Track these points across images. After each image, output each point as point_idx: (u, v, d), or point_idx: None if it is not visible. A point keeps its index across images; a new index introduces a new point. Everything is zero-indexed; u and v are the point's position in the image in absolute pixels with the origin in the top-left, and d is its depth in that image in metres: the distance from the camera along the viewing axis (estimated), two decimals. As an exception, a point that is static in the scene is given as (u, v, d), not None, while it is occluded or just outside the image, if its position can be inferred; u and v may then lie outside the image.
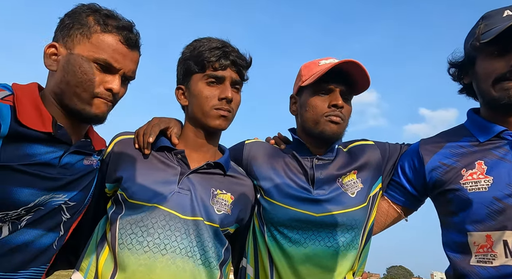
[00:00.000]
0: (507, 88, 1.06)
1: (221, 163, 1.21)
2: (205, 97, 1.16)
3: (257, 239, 1.28)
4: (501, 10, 1.11)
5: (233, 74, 1.18)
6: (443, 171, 1.18)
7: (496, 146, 1.13)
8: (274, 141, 1.42)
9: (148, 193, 1.10)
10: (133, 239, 1.06)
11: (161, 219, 1.08)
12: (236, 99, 1.20)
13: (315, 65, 1.30)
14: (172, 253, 1.06)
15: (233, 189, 1.22)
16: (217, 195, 1.18)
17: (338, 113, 1.25)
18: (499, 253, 1.03)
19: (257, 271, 1.25)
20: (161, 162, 1.18)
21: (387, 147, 1.38)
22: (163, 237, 1.06)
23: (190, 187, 1.14)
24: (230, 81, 1.18)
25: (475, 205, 1.09)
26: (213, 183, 1.19)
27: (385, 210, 1.34)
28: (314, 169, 1.27)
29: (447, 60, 1.28)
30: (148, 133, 1.17)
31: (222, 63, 1.15)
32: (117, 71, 1.02)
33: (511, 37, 1.02)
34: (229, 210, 1.18)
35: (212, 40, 1.18)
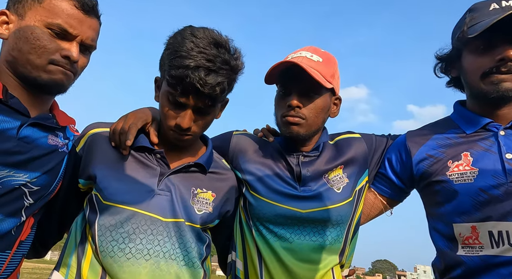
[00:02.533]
0: (496, 82, 1.06)
1: (202, 164, 1.16)
2: (165, 114, 1.08)
3: (245, 232, 1.26)
4: (488, 2, 1.10)
5: (199, 103, 1.03)
6: (430, 162, 1.18)
7: (482, 137, 1.14)
8: (262, 134, 1.39)
9: (127, 196, 1.05)
10: (114, 246, 1.01)
11: (142, 224, 1.03)
12: (202, 123, 1.09)
13: (284, 59, 1.24)
14: (156, 257, 1.02)
15: (214, 186, 1.19)
16: (197, 194, 1.14)
17: (295, 113, 1.19)
18: (485, 243, 1.04)
19: (246, 265, 1.24)
20: (140, 162, 1.12)
21: (374, 139, 1.37)
22: (146, 242, 1.03)
23: (170, 188, 1.10)
24: (193, 108, 1.05)
25: (461, 196, 1.09)
26: (194, 182, 1.15)
27: (372, 202, 1.34)
28: (300, 166, 1.25)
29: (434, 55, 1.28)
30: (125, 134, 1.10)
31: (184, 90, 1.00)
32: (74, 38, 0.97)
33: (497, 32, 1.02)
34: (210, 208, 1.15)
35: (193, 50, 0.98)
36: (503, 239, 1.02)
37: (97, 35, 1.05)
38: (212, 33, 1.02)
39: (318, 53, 1.25)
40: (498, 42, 1.05)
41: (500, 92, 1.06)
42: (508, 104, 1.12)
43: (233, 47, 1.06)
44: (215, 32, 1.04)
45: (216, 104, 1.07)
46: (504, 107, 1.13)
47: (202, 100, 1.03)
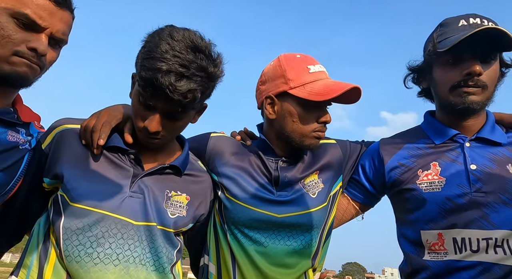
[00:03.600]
0: (464, 94, 1.11)
1: (177, 166, 1.13)
2: (135, 114, 1.04)
3: (219, 236, 1.25)
4: (458, 19, 1.16)
5: (168, 108, 0.98)
6: (401, 171, 1.23)
7: (449, 148, 1.19)
8: (240, 137, 1.38)
9: (96, 198, 1.00)
10: (80, 251, 0.96)
11: (112, 228, 0.99)
12: (171, 127, 1.04)
13: (304, 71, 1.21)
14: (125, 263, 0.98)
15: (189, 189, 1.16)
16: (171, 197, 1.11)
17: (325, 129, 1.25)
18: (449, 249, 1.09)
19: (220, 268, 1.22)
20: (112, 162, 1.07)
21: (348, 145, 1.40)
22: (115, 247, 0.98)
23: (143, 190, 1.06)
24: (162, 112, 1.00)
25: (429, 204, 1.14)
26: (168, 184, 1.12)
27: (345, 207, 1.37)
28: (278, 170, 1.25)
29: (406, 66, 1.32)
30: (97, 132, 1.04)
31: (153, 94, 0.95)
32: (43, 30, 0.92)
33: (464, 47, 1.07)
34: (184, 211, 1.12)
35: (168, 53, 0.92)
36: (465, 245, 1.07)
37: (69, 29, 0.99)
38: (192, 36, 0.97)
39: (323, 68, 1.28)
40: (465, 57, 1.11)
41: (467, 104, 1.11)
42: (474, 116, 1.18)
43: (215, 53, 1.01)
44: (196, 35, 0.99)
45: (187, 111, 1.02)
46: (470, 119, 1.19)
47: (171, 106, 0.97)
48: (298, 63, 1.24)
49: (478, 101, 1.11)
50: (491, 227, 1.06)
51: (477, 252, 1.05)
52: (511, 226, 1.05)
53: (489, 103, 1.16)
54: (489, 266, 1.03)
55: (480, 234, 1.06)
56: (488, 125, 1.19)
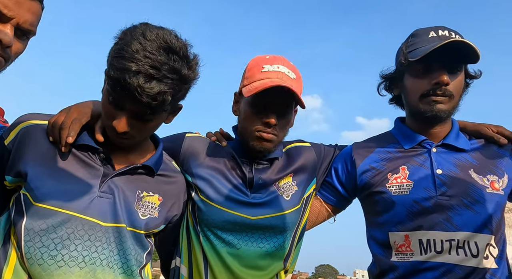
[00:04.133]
0: (432, 103, 1.16)
1: (150, 166, 1.10)
2: (104, 112, 1.00)
3: (191, 238, 1.23)
4: (428, 30, 1.21)
5: (136, 109, 0.94)
6: (372, 174, 1.26)
7: (417, 153, 1.24)
8: (216, 137, 1.37)
9: (63, 198, 0.96)
10: (44, 253, 0.92)
11: (78, 229, 0.95)
12: (140, 128, 1.00)
13: (258, 69, 1.23)
14: (92, 265, 0.95)
15: (161, 189, 1.13)
16: (143, 198, 1.08)
17: (270, 130, 1.19)
18: (415, 250, 1.14)
19: (191, 271, 1.21)
20: (81, 160, 1.03)
21: (322, 148, 1.42)
22: (82, 249, 0.94)
23: (113, 190, 1.02)
24: (130, 113, 0.96)
25: (398, 207, 1.18)
26: (140, 184, 1.09)
27: (317, 209, 1.39)
28: (253, 172, 1.25)
29: (379, 74, 1.37)
30: (66, 129, 0.99)
31: (121, 94, 0.91)
32: (9, 20, 0.86)
33: (434, 58, 1.12)
34: (156, 213, 1.09)
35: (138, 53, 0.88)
36: (430, 246, 1.12)
37: (38, 20, 0.94)
38: (167, 36, 0.92)
39: (293, 69, 1.25)
40: (434, 67, 1.16)
41: (435, 112, 1.16)
42: (440, 124, 1.24)
43: (190, 54, 0.97)
44: (171, 34, 0.94)
45: (157, 113, 0.98)
46: (437, 126, 1.24)
47: (140, 108, 0.93)
48: (258, 62, 1.25)
49: (445, 110, 1.17)
50: (454, 229, 1.11)
51: (440, 253, 1.10)
52: (471, 228, 1.11)
53: (455, 112, 1.23)
54: (452, 267, 1.09)
55: (443, 235, 1.11)
56: (453, 133, 1.25)
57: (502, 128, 1.27)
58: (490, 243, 1.11)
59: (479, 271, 1.08)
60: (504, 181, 1.17)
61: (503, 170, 1.19)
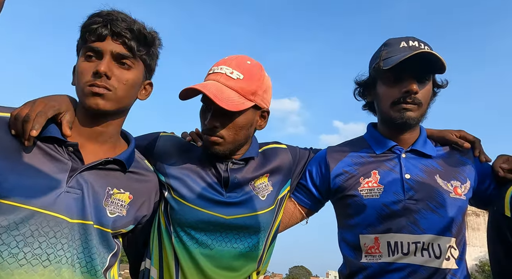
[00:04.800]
0: (402, 110, 1.21)
1: (122, 160, 1.07)
2: (80, 73, 1.01)
3: (163, 239, 1.21)
4: (399, 40, 1.26)
5: (116, 47, 1.01)
6: (345, 178, 1.30)
7: (388, 158, 1.29)
8: (191, 137, 1.35)
9: (27, 193, 0.91)
10: (3, 251, 0.88)
11: (43, 225, 0.91)
12: (120, 76, 1.02)
13: (208, 72, 1.23)
14: (57, 264, 0.91)
15: (133, 187, 1.10)
16: (112, 195, 1.05)
17: (212, 133, 1.17)
18: (383, 252, 1.18)
19: (162, 273, 1.19)
20: (47, 154, 0.98)
21: (298, 151, 1.44)
22: (46, 246, 0.91)
23: (82, 186, 0.99)
24: (111, 54, 1.01)
25: (369, 210, 1.22)
26: (110, 180, 1.05)
27: (291, 211, 1.41)
28: (228, 172, 1.25)
29: (354, 80, 1.41)
30: (30, 122, 0.93)
31: (100, 32, 1.00)
32: None
33: (404, 67, 1.17)
34: (124, 211, 1.07)
35: (107, 11, 1.03)
36: (398, 248, 1.17)
37: None
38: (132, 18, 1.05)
39: (241, 69, 1.19)
40: (405, 76, 1.21)
41: (404, 119, 1.21)
42: (410, 130, 1.29)
43: (150, 28, 1.09)
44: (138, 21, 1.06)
45: (134, 55, 1.05)
46: (407, 133, 1.29)
47: (118, 44, 1.02)
48: (213, 64, 1.25)
49: (414, 117, 1.22)
50: (420, 232, 1.16)
51: (407, 254, 1.15)
52: (435, 231, 1.16)
53: (423, 119, 1.28)
54: (416, 268, 1.14)
55: (410, 238, 1.16)
56: (421, 139, 1.30)
57: (463, 132, 1.34)
58: (452, 245, 1.17)
59: (441, 271, 1.14)
60: (466, 187, 1.24)
61: (466, 176, 1.26)
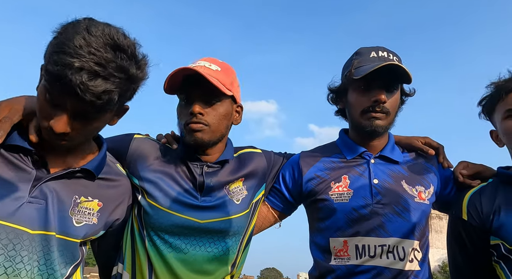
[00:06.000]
0: (371, 119, 1.27)
1: (90, 170, 1.02)
2: (39, 111, 0.91)
3: (136, 243, 1.19)
4: (370, 50, 1.31)
5: (78, 108, 0.86)
6: (317, 182, 1.34)
7: (358, 163, 1.34)
8: (166, 140, 1.34)
9: None
10: None
11: (2, 238, 0.87)
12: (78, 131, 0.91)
13: None
14: (15, 277, 0.88)
15: (102, 194, 1.07)
16: (80, 203, 1.01)
17: (197, 120, 1.19)
18: (351, 255, 1.22)
19: (135, 277, 1.17)
20: (10, 163, 0.94)
21: (272, 155, 1.46)
22: (3, 259, 0.87)
23: (46, 196, 0.95)
24: (71, 112, 0.88)
25: (338, 214, 1.26)
26: (78, 189, 1.01)
27: (265, 215, 1.43)
28: (203, 176, 1.24)
29: (327, 86, 1.45)
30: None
31: (61, 92, 0.84)
32: None
33: (374, 77, 1.22)
34: (94, 219, 1.03)
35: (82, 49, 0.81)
36: (365, 251, 1.21)
37: None
38: (113, 33, 0.85)
39: (216, 63, 1.26)
40: (374, 85, 1.26)
41: (373, 127, 1.27)
42: (379, 137, 1.35)
43: (139, 54, 0.91)
44: (119, 32, 0.88)
45: (101, 112, 0.91)
46: (375, 139, 1.35)
47: (82, 107, 0.86)
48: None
49: (383, 125, 1.28)
50: (386, 235, 1.21)
51: (373, 257, 1.20)
52: (400, 234, 1.22)
53: (391, 127, 1.34)
54: (382, 270, 1.19)
55: (377, 241, 1.21)
56: (389, 146, 1.37)
57: (428, 139, 1.41)
58: (415, 247, 1.24)
59: (405, 273, 1.20)
60: (429, 192, 1.31)
61: (429, 182, 1.33)
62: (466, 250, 1.21)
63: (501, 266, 1.13)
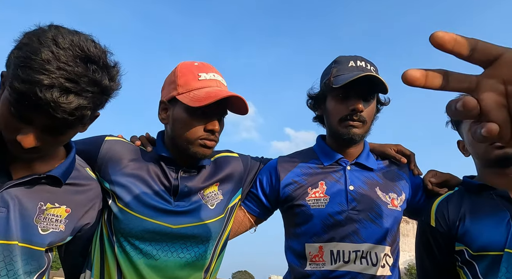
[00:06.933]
0: (348, 127, 1.29)
1: (57, 176, 0.97)
2: (3, 123, 0.84)
3: (105, 249, 1.14)
4: (348, 59, 1.33)
5: (51, 124, 0.82)
6: (294, 187, 1.34)
7: (334, 170, 1.36)
8: (140, 142, 1.29)
9: None
10: None
11: None
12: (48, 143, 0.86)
13: (194, 77, 1.19)
14: None
15: (70, 200, 1.02)
16: (46, 210, 0.96)
17: (214, 137, 1.19)
18: (326, 260, 1.24)
19: None
20: None
21: (249, 160, 1.45)
22: None
23: (8, 203, 0.89)
24: (42, 128, 0.83)
25: (315, 219, 1.27)
26: (43, 195, 0.96)
27: (241, 219, 1.42)
28: (179, 180, 1.21)
29: (306, 93, 1.47)
30: None
31: (29, 109, 0.78)
32: None
33: (352, 86, 1.24)
34: (62, 226, 0.98)
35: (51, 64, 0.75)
36: (340, 257, 1.23)
37: None
38: (83, 43, 0.80)
39: (222, 76, 1.26)
40: (352, 95, 1.28)
41: (350, 135, 1.29)
42: (355, 145, 1.38)
43: (111, 62, 0.86)
44: (88, 41, 0.82)
45: (74, 127, 0.87)
46: (352, 147, 1.38)
47: (53, 123, 0.81)
48: (191, 70, 1.23)
49: (359, 134, 1.30)
50: (360, 241, 1.24)
51: (348, 262, 1.22)
52: (374, 240, 1.25)
53: (367, 135, 1.38)
54: (355, 275, 1.21)
55: (351, 247, 1.23)
56: (364, 153, 1.40)
57: (401, 147, 1.46)
58: (387, 253, 1.27)
59: (377, 278, 1.22)
60: (401, 199, 1.35)
61: (401, 189, 1.37)
62: (433, 255, 1.26)
63: (465, 271, 1.18)
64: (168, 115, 1.24)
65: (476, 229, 1.17)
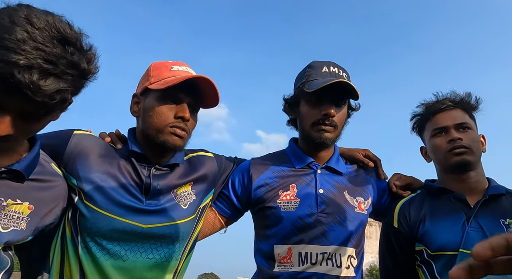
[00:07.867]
0: (320, 131, 1.32)
1: (20, 171, 0.93)
2: None
3: (67, 250, 1.09)
4: (322, 64, 1.37)
5: (26, 108, 0.78)
6: (266, 190, 1.35)
7: (305, 173, 1.39)
8: (110, 139, 1.24)
9: None
10: None
11: None
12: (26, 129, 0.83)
13: (167, 69, 1.22)
14: None
15: (34, 196, 0.97)
16: (7, 207, 0.92)
17: (184, 126, 1.18)
18: (295, 262, 1.26)
19: None
20: None
21: (224, 160, 1.44)
22: None
23: None
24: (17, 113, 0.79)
25: (285, 222, 1.29)
26: (5, 191, 0.92)
27: (212, 221, 1.41)
28: (151, 178, 1.18)
29: (282, 97, 1.49)
30: None
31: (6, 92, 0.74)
32: None
33: (325, 91, 1.28)
34: (23, 224, 0.94)
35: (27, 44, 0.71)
36: (308, 258, 1.25)
37: None
38: (59, 24, 0.76)
39: None
40: (324, 100, 1.32)
41: (322, 139, 1.32)
42: (326, 149, 1.41)
43: (87, 45, 0.83)
44: (63, 22, 0.78)
45: (52, 112, 0.84)
46: (323, 151, 1.41)
47: (30, 108, 0.77)
48: (164, 64, 1.25)
49: (331, 138, 1.34)
50: (327, 243, 1.27)
51: (315, 264, 1.25)
52: (340, 242, 1.29)
53: (338, 139, 1.42)
54: (321, 276, 1.24)
55: (319, 249, 1.26)
56: (334, 157, 1.44)
57: (368, 151, 1.51)
58: (352, 255, 1.31)
59: None
60: (368, 203, 1.40)
61: (368, 193, 1.42)
62: (394, 254, 1.33)
63: (423, 270, 1.25)
64: (139, 107, 1.24)
65: (435, 230, 1.24)
